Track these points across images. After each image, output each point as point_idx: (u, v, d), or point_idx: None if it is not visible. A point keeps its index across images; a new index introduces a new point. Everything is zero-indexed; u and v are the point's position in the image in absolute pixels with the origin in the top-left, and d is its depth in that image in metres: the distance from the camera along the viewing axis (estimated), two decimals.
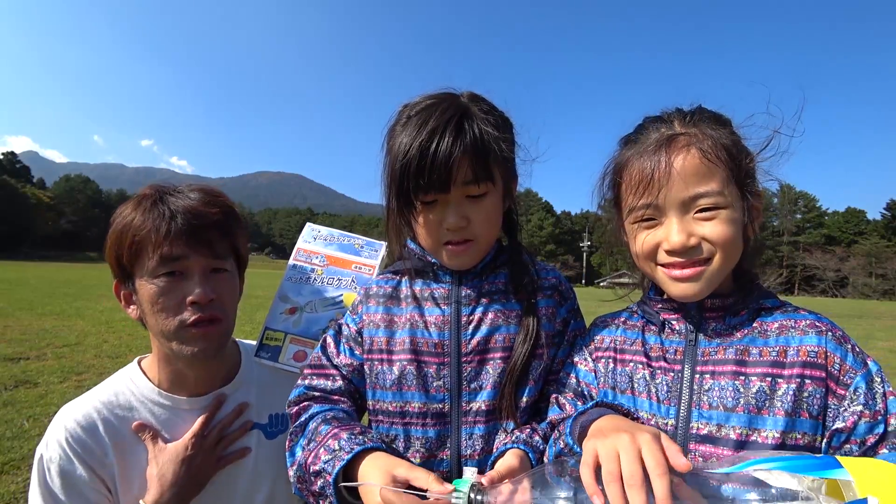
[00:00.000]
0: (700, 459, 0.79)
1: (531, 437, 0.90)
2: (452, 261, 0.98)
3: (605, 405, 0.84)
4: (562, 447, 0.83)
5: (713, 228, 0.80)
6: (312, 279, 1.26)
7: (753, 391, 0.78)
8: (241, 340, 1.24)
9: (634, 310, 0.99)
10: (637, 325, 0.96)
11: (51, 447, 0.96)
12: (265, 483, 1.11)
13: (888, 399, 0.76)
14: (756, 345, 0.82)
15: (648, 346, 0.91)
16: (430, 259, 1.03)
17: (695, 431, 0.80)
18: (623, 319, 1.00)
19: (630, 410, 0.85)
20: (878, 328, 16.64)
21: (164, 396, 1.06)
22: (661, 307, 0.92)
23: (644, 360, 0.90)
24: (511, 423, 0.94)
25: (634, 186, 0.84)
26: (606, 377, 0.94)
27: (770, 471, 0.58)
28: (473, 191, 0.91)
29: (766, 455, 0.60)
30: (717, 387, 0.81)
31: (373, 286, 1.08)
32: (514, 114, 1.02)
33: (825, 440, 0.77)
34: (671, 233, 0.81)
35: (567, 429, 0.83)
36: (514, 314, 0.99)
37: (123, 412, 1.02)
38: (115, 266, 1.02)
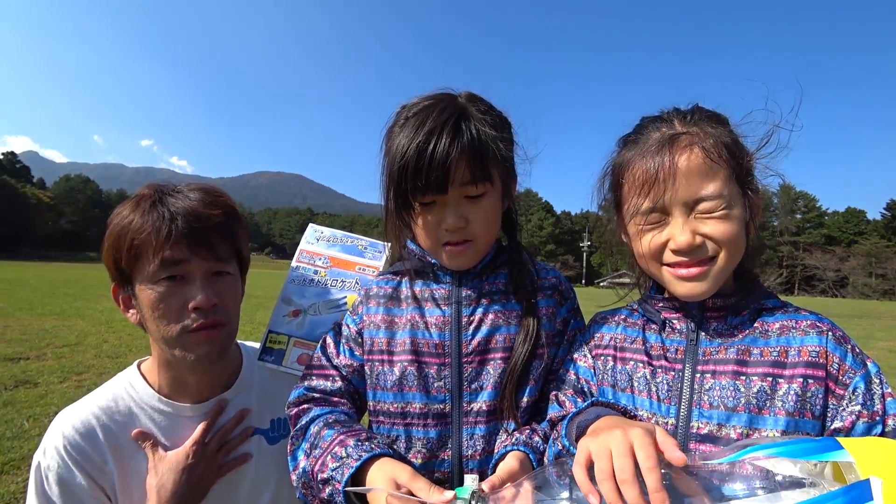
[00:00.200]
0: (700, 460, 0.79)
1: (531, 439, 0.90)
2: (452, 261, 0.98)
3: (602, 404, 0.84)
4: (559, 448, 0.83)
5: (717, 227, 0.80)
6: (316, 281, 1.24)
7: (754, 391, 0.78)
8: (242, 342, 1.22)
9: (635, 307, 0.99)
10: (638, 324, 0.95)
11: (48, 454, 0.92)
12: (267, 489, 1.09)
13: (886, 400, 0.76)
14: (757, 345, 0.82)
15: (649, 345, 0.91)
16: (430, 259, 1.02)
17: (695, 431, 0.80)
18: (623, 317, 0.99)
19: (627, 409, 0.85)
20: (878, 328, 16.63)
21: (165, 402, 1.03)
22: (663, 306, 0.92)
23: (645, 359, 0.89)
24: (512, 424, 0.94)
25: (638, 187, 0.84)
26: (605, 374, 0.94)
27: (769, 458, 0.57)
28: (471, 191, 0.91)
29: (765, 441, 0.59)
30: (718, 386, 0.81)
31: (373, 287, 1.08)
32: (514, 114, 1.02)
33: None
34: (677, 232, 0.81)
35: (563, 430, 0.83)
36: (515, 314, 0.99)
37: (123, 418, 0.99)
38: (114, 269, 0.98)
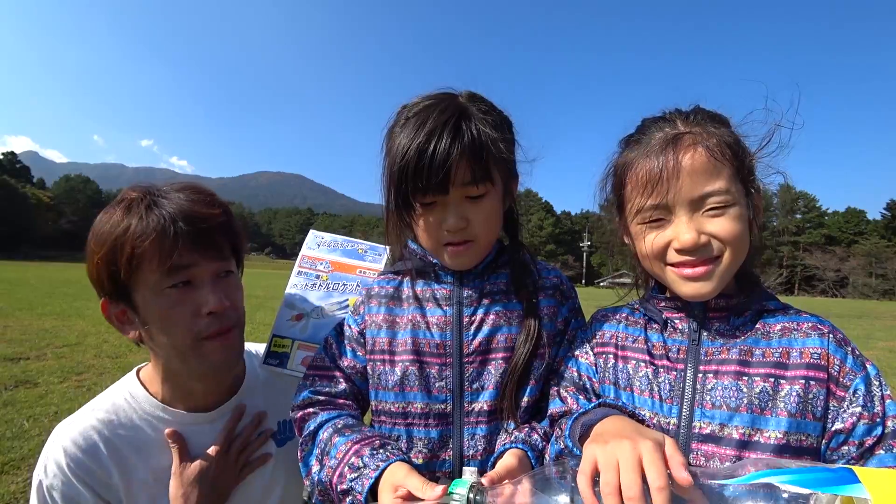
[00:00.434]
0: (702, 459, 0.79)
1: (530, 436, 0.90)
2: (453, 261, 0.98)
3: (609, 405, 0.84)
4: (561, 447, 0.83)
5: (722, 225, 0.80)
6: (318, 285, 1.26)
7: (756, 391, 0.78)
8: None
9: (636, 306, 0.99)
10: (639, 322, 0.95)
11: (50, 472, 0.88)
12: (277, 490, 1.09)
13: (886, 402, 0.76)
14: (759, 345, 0.82)
15: (651, 344, 0.91)
16: (432, 259, 1.02)
17: (697, 431, 0.80)
18: (625, 315, 0.99)
19: (634, 411, 0.85)
20: (878, 328, 16.64)
21: (169, 413, 0.99)
22: (665, 305, 0.92)
23: (647, 358, 0.89)
24: (513, 424, 0.94)
25: (641, 187, 0.84)
26: (606, 372, 0.93)
27: (780, 486, 0.54)
28: (472, 191, 0.91)
29: (777, 466, 0.57)
30: (720, 386, 0.81)
31: (374, 287, 1.08)
32: (514, 114, 1.02)
33: (825, 441, 0.77)
34: (681, 231, 0.81)
35: (567, 429, 0.82)
36: (516, 314, 0.99)
37: (125, 431, 0.95)
38: (108, 283, 0.89)
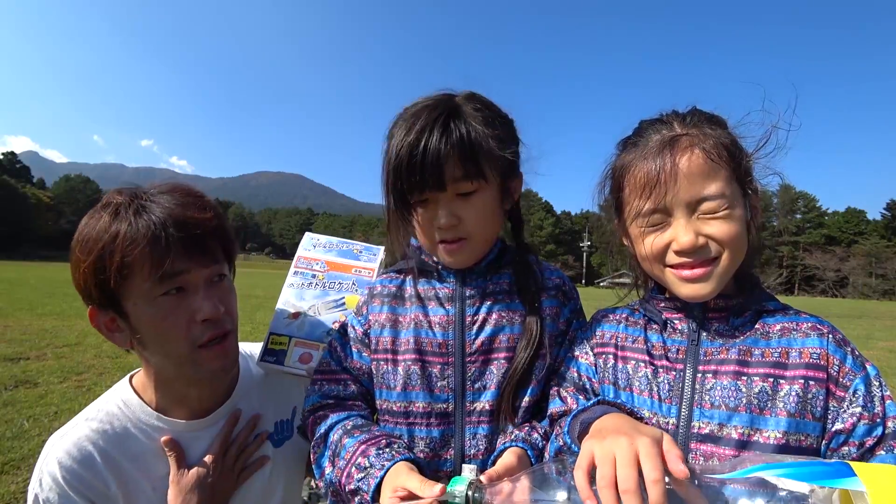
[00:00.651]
0: (701, 459, 0.79)
1: (530, 435, 0.91)
2: (448, 259, 0.98)
3: (608, 403, 0.84)
4: (560, 444, 0.83)
5: (720, 227, 0.80)
6: (314, 284, 1.28)
7: (756, 391, 0.79)
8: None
9: (636, 307, 0.99)
10: (639, 323, 0.95)
11: (45, 484, 0.86)
12: (276, 491, 1.08)
13: (886, 402, 0.77)
14: (758, 346, 0.83)
15: (651, 345, 0.91)
16: (433, 258, 1.03)
17: (696, 430, 0.81)
18: (625, 316, 0.99)
19: (633, 409, 0.85)
20: (878, 328, 16.64)
21: (163, 421, 0.97)
22: (665, 306, 0.93)
23: (646, 359, 0.90)
24: (510, 426, 0.94)
25: (639, 189, 0.84)
26: (606, 372, 0.94)
27: (777, 479, 0.55)
28: (463, 188, 0.91)
29: (774, 460, 0.57)
30: (720, 386, 0.81)
31: (377, 286, 1.08)
32: (514, 114, 1.02)
33: (825, 441, 0.77)
34: (680, 233, 0.82)
35: (566, 427, 0.83)
36: (518, 314, 0.99)
37: (120, 441, 0.93)
38: (96, 292, 0.86)
